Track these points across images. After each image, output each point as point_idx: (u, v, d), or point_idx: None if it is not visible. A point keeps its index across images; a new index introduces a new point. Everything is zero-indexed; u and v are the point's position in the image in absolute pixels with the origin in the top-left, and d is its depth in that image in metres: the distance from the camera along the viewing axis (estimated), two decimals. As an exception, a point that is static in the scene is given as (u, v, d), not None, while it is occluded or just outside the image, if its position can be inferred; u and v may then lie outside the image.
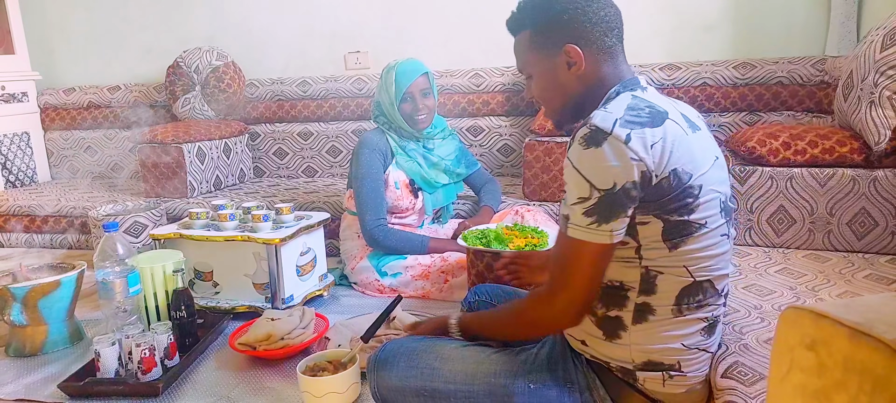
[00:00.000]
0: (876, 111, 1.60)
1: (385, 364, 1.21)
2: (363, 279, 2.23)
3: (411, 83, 2.15)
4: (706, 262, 1.03)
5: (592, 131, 0.97)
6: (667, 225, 1.00)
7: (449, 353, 1.20)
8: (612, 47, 1.11)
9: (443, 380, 1.16)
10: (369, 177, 2.14)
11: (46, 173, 3.64)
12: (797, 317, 0.58)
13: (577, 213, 0.99)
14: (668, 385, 1.08)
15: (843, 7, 2.55)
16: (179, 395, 1.60)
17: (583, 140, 0.97)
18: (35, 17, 3.61)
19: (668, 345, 1.05)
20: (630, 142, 0.95)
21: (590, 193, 0.97)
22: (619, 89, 1.08)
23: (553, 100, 1.16)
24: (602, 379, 1.12)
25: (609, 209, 0.97)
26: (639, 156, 0.95)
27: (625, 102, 1.02)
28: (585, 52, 1.09)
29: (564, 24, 1.09)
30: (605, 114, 0.98)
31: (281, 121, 3.32)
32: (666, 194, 0.98)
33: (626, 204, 0.97)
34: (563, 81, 1.12)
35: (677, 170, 0.98)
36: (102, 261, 1.84)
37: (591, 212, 0.97)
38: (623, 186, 0.95)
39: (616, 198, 0.96)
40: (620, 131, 0.95)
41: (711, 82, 2.71)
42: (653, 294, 1.04)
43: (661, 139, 0.97)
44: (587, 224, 0.98)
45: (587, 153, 0.97)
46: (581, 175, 0.97)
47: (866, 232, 1.65)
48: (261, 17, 3.34)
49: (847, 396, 0.51)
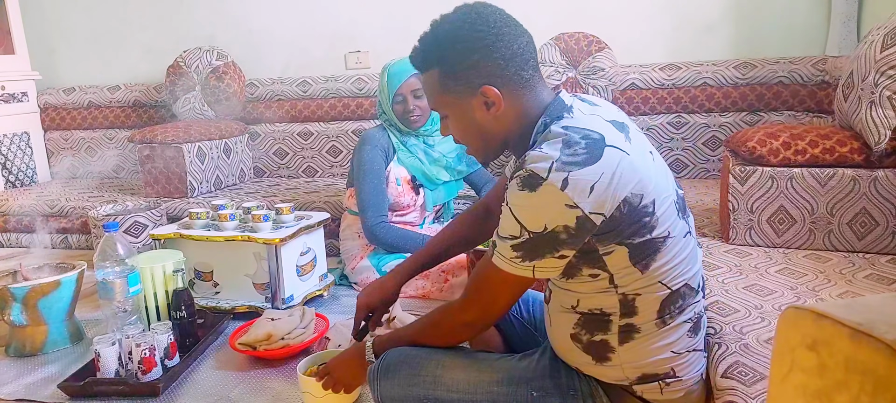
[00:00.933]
0: (876, 111, 1.60)
1: (387, 372, 1.20)
2: (363, 279, 2.22)
3: (401, 84, 2.14)
4: (678, 269, 1.03)
5: (528, 175, 0.95)
6: (631, 249, 0.99)
7: (451, 361, 1.19)
8: (530, 79, 1.07)
9: (445, 389, 1.16)
10: (371, 174, 2.14)
11: (46, 173, 3.64)
12: (798, 317, 0.58)
13: (505, 246, 1.00)
14: (666, 392, 1.08)
15: (843, 7, 2.55)
16: (179, 395, 1.60)
17: (520, 181, 0.97)
18: (35, 17, 3.61)
19: (658, 357, 1.06)
20: (566, 187, 0.93)
21: (520, 233, 0.98)
22: (546, 120, 1.04)
23: (474, 141, 1.13)
24: (604, 388, 1.11)
25: (536, 249, 0.98)
26: (574, 203, 0.94)
27: (559, 139, 0.98)
28: (503, 92, 1.05)
29: (476, 66, 1.04)
30: (540, 157, 0.96)
31: (281, 121, 3.32)
32: (622, 223, 0.97)
33: (556, 246, 0.97)
34: (482, 123, 1.08)
35: (627, 197, 0.96)
36: (102, 261, 1.84)
37: (518, 248, 0.99)
38: (553, 230, 0.95)
39: (544, 239, 0.97)
40: (556, 177, 0.94)
41: (712, 82, 2.71)
42: (635, 314, 1.04)
43: (600, 176, 0.95)
44: (511, 257, 1.00)
45: (521, 195, 0.96)
46: (513, 216, 0.98)
47: (867, 232, 1.65)
48: (261, 17, 3.34)
49: (848, 396, 0.51)
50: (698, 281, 1.09)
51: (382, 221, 2.13)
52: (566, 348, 1.12)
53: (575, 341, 1.09)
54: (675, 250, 1.02)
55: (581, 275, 1.04)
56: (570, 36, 2.82)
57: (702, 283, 1.11)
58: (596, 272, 1.02)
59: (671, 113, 2.79)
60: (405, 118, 2.19)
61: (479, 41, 1.04)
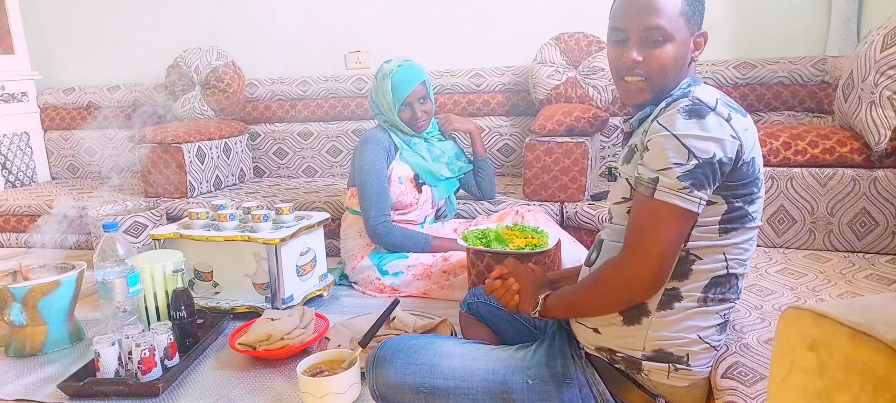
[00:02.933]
0: (876, 111, 1.60)
1: (383, 361, 1.21)
2: (364, 278, 2.22)
3: (409, 93, 2.15)
4: (742, 255, 1.06)
5: (696, 104, 1.00)
6: (729, 209, 1.03)
7: (448, 350, 1.20)
8: None
9: (441, 377, 1.16)
10: (373, 174, 2.14)
11: (46, 173, 3.64)
12: (798, 318, 0.58)
13: (670, 177, 0.98)
14: (672, 377, 1.08)
15: (843, 7, 2.55)
16: (179, 395, 1.60)
17: (685, 111, 1.00)
18: (35, 17, 3.61)
19: (684, 336, 1.07)
20: (731, 120, 0.99)
21: (687, 159, 0.97)
22: (692, 81, 1.11)
23: (668, 74, 1.09)
24: (602, 375, 1.12)
25: (703, 177, 0.97)
26: (737, 135, 0.99)
27: (712, 90, 1.06)
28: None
29: (702, 11, 1.11)
30: (704, 91, 1.03)
31: (281, 121, 3.32)
32: (742, 178, 1.02)
33: (718, 177, 0.99)
34: (685, 60, 1.10)
35: (755, 158, 1.03)
36: (102, 261, 1.84)
37: (686, 177, 0.97)
38: (719, 159, 0.98)
39: (711, 168, 0.98)
40: (723, 109, 1.00)
41: (712, 82, 2.71)
42: (685, 279, 1.05)
43: (749, 127, 1.03)
44: (679, 188, 0.97)
45: (691, 122, 0.98)
46: (680, 142, 0.98)
47: (867, 232, 1.65)
48: (261, 17, 3.34)
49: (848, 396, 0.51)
50: (743, 284, 1.12)
51: (385, 220, 2.14)
52: None
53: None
54: (750, 236, 1.07)
55: None
56: (570, 36, 2.82)
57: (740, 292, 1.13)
58: None
59: (671, 113, 2.79)
60: (412, 124, 2.20)
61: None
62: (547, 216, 2.27)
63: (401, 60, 2.21)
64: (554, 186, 2.40)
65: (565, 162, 2.36)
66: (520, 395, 1.14)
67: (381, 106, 2.23)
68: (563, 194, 2.39)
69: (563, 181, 2.38)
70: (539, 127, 2.37)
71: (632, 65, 1.09)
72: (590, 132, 2.35)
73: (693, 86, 1.08)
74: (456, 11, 3.06)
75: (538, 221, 2.15)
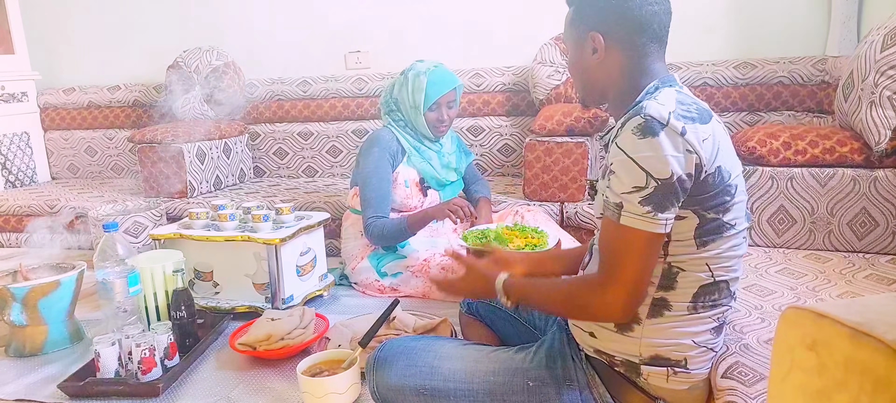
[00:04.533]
0: (876, 111, 1.60)
1: (384, 363, 1.21)
2: (363, 279, 2.22)
3: (443, 94, 2.12)
4: (727, 263, 1.05)
5: (647, 121, 0.97)
6: (702, 221, 1.01)
7: (448, 352, 1.20)
8: (642, 47, 1.10)
9: (442, 379, 1.16)
10: (375, 176, 2.13)
11: (46, 173, 3.64)
12: (798, 317, 0.58)
13: (632, 202, 0.97)
14: (671, 381, 1.08)
15: (843, 7, 2.55)
16: (179, 395, 1.60)
17: (638, 130, 0.97)
18: (35, 17, 3.61)
19: (678, 341, 1.06)
20: (686, 134, 0.96)
21: (646, 182, 0.96)
22: (658, 85, 1.08)
23: (577, 78, 1.19)
24: (602, 377, 1.12)
25: (664, 198, 0.96)
26: (694, 149, 0.96)
27: (672, 96, 1.02)
28: (608, 44, 1.10)
29: (597, 11, 1.11)
30: (658, 105, 0.98)
31: (281, 121, 3.32)
32: (709, 190, 0.99)
33: (679, 194, 0.98)
34: (586, 64, 1.14)
35: (721, 167, 1.00)
36: (102, 261, 1.84)
37: (647, 201, 0.97)
38: (679, 177, 0.96)
39: (672, 187, 0.96)
40: (676, 123, 0.96)
41: (712, 82, 2.71)
42: (671, 290, 1.05)
43: (710, 135, 0.99)
44: (643, 212, 0.97)
45: (643, 142, 0.96)
46: (637, 164, 0.97)
47: (867, 232, 1.65)
48: (261, 17, 3.34)
49: (848, 396, 0.51)
50: (736, 287, 1.10)
51: (374, 219, 2.10)
52: None
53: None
54: (733, 243, 1.04)
55: None
56: (570, 36, 2.81)
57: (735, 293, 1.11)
58: None
59: (671, 113, 2.79)
60: (435, 127, 2.17)
61: None
62: (547, 216, 2.27)
63: (435, 62, 2.19)
64: (554, 186, 2.40)
65: (565, 162, 2.36)
66: (520, 397, 1.13)
67: (403, 103, 2.19)
68: (563, 194, 2.39)
69: (563, 181, 2.38)
70: (539, 127, 2.37)
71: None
72: (590, 132, 2.35)
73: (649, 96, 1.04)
74: (456, 11, 3.06)
75: (538, 221, 2.15)
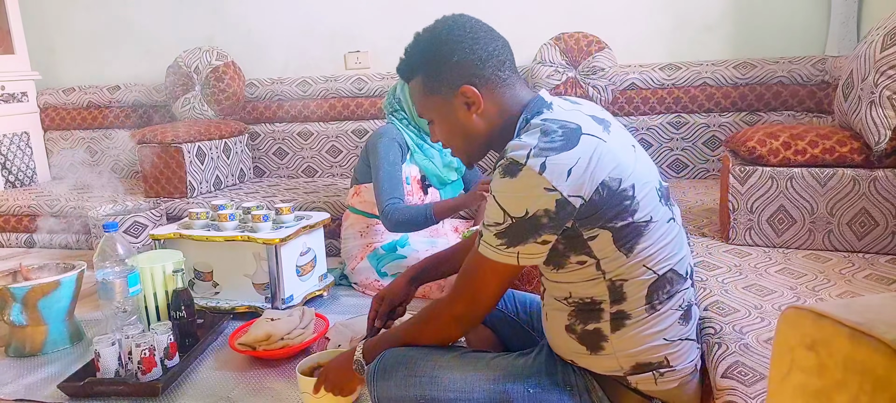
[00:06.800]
0: (876, 111, 1.60)
1: (384, 373, 1.21)
2: (363, 279, 2.22)
3: None
4: (663, 253, 1.05)
5: (509, 163, 1.00)
6: (614, 232, 1.02)
7: (448, 361, 1.19)
8: (507, 79, 1.12)
9: (442, 388, 1.16)
10: (387, 162, 2.12)
11: (46, 173, 3.64)
12: (797, 317, 0.58)
13: (489, 234, 1.03)
14: (660, 382, 1.09)
15: (843, 7, 2.55)
16: (179, 395, 1.60)
17: (501, 170, 1.01)
18: (35, 17, 3.61)
19: (650, 344, 1.07)
20: (544, 171, 0.97)
21: (503, 219, 1.01)
22: (527, 116, 1.09)
23: (457, 142, 1.18)
24: (600, 382, 1.12)
25: (519, 234, 1.00)
26: (552, 186, 0.97)
27: (537, 129, 1.03)
28: (482, 91, 1.11)
29: (455, 67, 1.10)
30: (519, 145, 1.01)
31: (281, 121, 3.32)
32: (602, 206, 1.00)
33: (538, 231, 1.00)
34: (464, 123, 1.14)
35: (605, 180, 0.99)
36: (102, 261, 1.84)
37: (502, 235, 1.02)
38: (534, 214, 0.98)
39: (527, 224, 0.99)
40: (534, 162, 0.97)
41: (712, 82, 2.71)
42: (624, 301, 1.06)
43: (577, 160, 0.98)
44: (497, 244, 1.03)
45: (502, 182, 1.00)
46: (497, 202, 1.01)
47: (866, 232, 1.65)
48: (261, 17, 3.34)
49: (848, 396, 0.51)
50: (686, 267, 1.11)
51: (393, 201, 2.08)
52: (562, 341, 1.13)
53: (570, 333, 1.11)
54: (658, 234, 1.05)
55: (569, 264, 1.06)
56: (570, 36, 2.82)
57: (690, 271, 1.13)
58: (583, 259, 1.04)
59: (671, 113, 2.80)
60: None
61: (456, 43, 1.11)
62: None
63: None
64: (554, 186, 2.39)
65: (565, 162, 2.35)
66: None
67: (405, 103, 2.20)
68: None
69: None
70: (539, 127, 2.37)
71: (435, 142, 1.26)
72: (590, 132, 2.34)
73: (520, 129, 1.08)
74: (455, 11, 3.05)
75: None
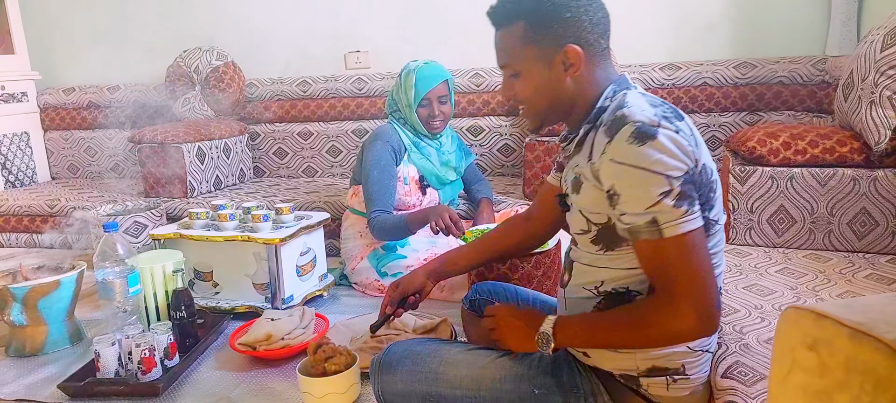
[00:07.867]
0: (876, 111, 1.60)
1: (389, 367, 1.20)
2: (363, 279, 2.22)
3: (431, 89, 2.14)
4: (717, 259, 1.03)
5: (641, 126, 0.93)
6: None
7: (454, 358, 1.19)
8: (605, 50, 1.08)
9: (448, 385, 1.15)
10: (377, 168, 2.13)
11: (46, 173, 3.64)
12: (798, 317, 0.58)
13: (666, 209, 0.92)
14: (671, 388, 1.07)
15: (843, 7, 2.55)
16: (179, 395, 1.60)
17: (633, 139, 0.92)
18: (35, 17, 3.61)
19: (673, 349, 1.05)
20: (679, 132, 0.94)
21: (669, 185, 0.92)
22: (616, 89, 1.05)
23: (540, 102, 1.09)
24: (606, 385, 1.11)
25: (689, 192, 0.93)
26: (690, 145, 0.95)
27: (644, 100, 0.99)
28: (586, 54, 1.05)
29: (566, 23, 1.03)
30: (638, 111, 0.95)
31: (281, 121, 3.32)
32: (699, 189, 0.96)
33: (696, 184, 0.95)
34: (556, 82, 1.06)
35: (705, 163, 0.98)
36: (102, 261, 1.84)
37: (680, 201, 0.92)
38: (689, 170, 0.94)
39: (689, 179, 0.93)
40: (666, 123, 0.94)
41: (712, 82, 2.71)
42: None
43: (691, 132, 0.97)
44: (681, 214, 0.92)
45: (645, 148, 0.92)
46: (651, 171, 0.92)
47: (867, 232, 1.65)
48: (261, 17, 3.34)
49: (849, 396, 0.51)
50: (721, 281, 1.08)
51: (376, 213, 2.10)
52: None
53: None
54: (717, 239, 1.03)
55: (623, 247, 1.01)
56: (570, 36, 2.81)
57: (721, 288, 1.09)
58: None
59: (671, 113, 2.80)
60: (429, 123, 2.19)
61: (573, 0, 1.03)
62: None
63: (427, 60, 2.21)
64: (554, 186, 2.39)
65: (565, 162, 2.36)
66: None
67: (400, 102, 2.22)
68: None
69: (563, 181, 2.38)
70: (539, 127, 2.37)
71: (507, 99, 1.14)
72: (590, 132, 2.34)
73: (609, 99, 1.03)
74: (456, 11, 3.05)
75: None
